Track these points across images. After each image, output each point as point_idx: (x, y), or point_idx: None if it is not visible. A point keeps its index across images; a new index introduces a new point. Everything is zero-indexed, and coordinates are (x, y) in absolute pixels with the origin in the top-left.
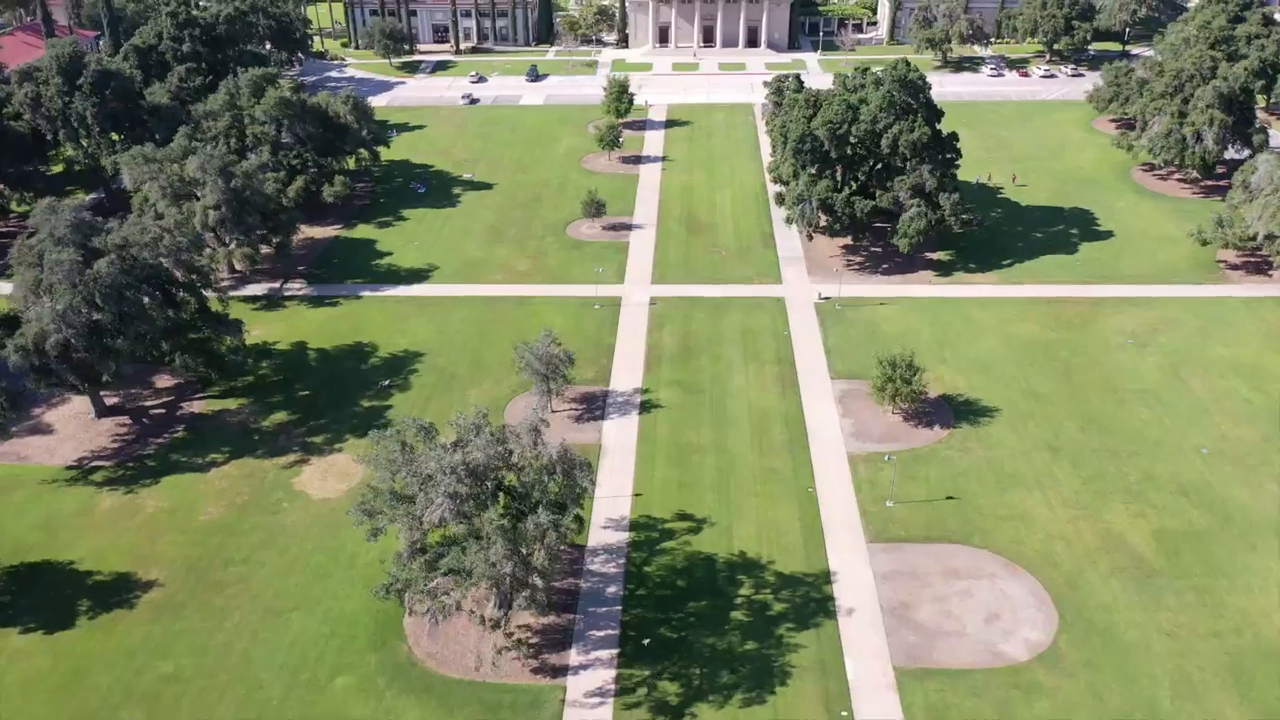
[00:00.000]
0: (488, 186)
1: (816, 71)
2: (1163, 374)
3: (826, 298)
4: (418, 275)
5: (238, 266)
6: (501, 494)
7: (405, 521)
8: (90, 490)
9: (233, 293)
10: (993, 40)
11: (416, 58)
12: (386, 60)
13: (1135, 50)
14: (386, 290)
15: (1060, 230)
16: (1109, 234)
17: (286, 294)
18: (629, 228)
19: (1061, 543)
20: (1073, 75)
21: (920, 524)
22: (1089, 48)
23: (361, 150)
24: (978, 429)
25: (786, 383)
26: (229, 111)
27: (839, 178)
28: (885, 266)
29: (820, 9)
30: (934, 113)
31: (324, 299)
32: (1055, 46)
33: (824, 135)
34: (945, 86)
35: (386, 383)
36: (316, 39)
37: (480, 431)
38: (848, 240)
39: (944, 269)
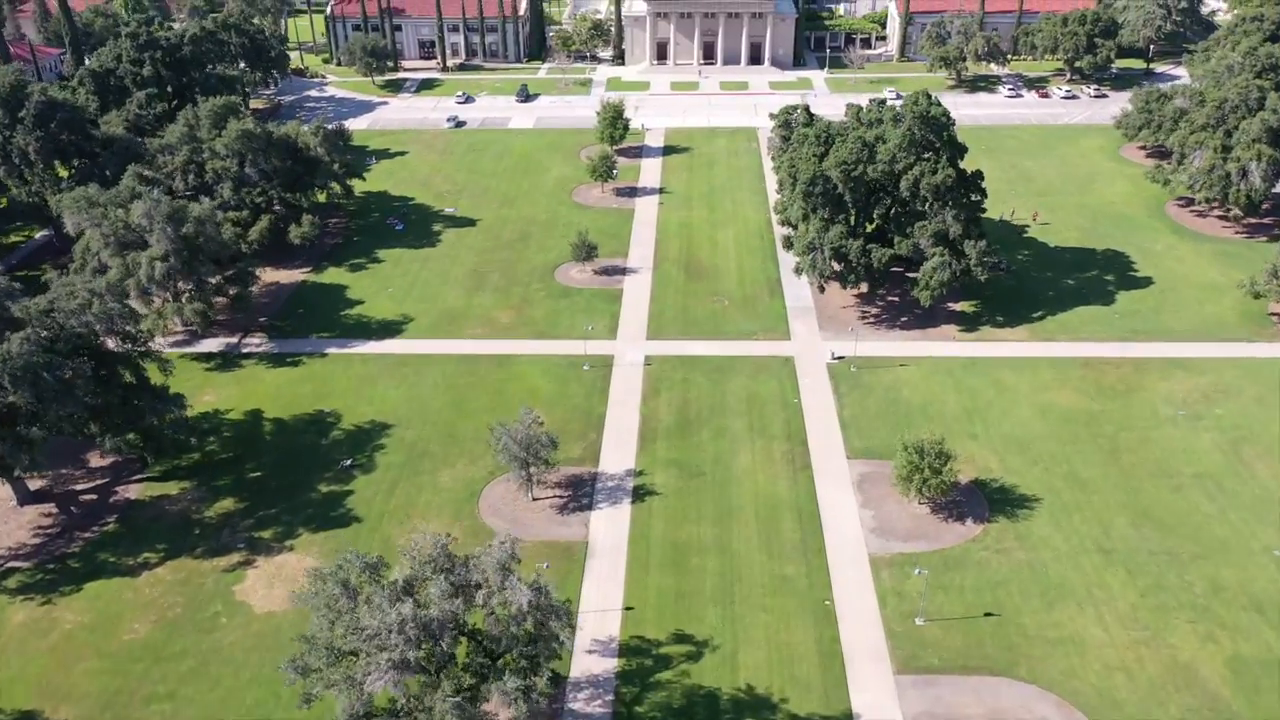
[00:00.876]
0: (471, 223)
1: (824, 91)
2: (1222, 454)
3: (840, 358)
4: (390, 328)
5: (189, 323)
6: (463, 640)
7: (343, 686)
8: (1, 600)
9: (184, 349)
10: (1010, 57)
11: (401, 75)
12: (369, 79)
13: (1160, 68)
14: (355, 346)
15: (1094, 276)
16: (1148, 281)
17: (244, 350)
18: (622, 272)
19: (1122, 675)
20: (1096, 96)
21: (956, 649)
22: (1112, 66)
23: (334, 184)
24: (1016, 524)
25: (798, 464)
26: (187, 145)
27: (853, 222)
28: (904, 319)
29: (826, 24)
30: (958, 150)
31: (285, 357)
32: (1077, 65)
33: (837, 177)
34: (960, 109)
35: (348, 462)
36: (296, 55)
37: (438, 570)
38: (863, 289)
39: (968, 322)
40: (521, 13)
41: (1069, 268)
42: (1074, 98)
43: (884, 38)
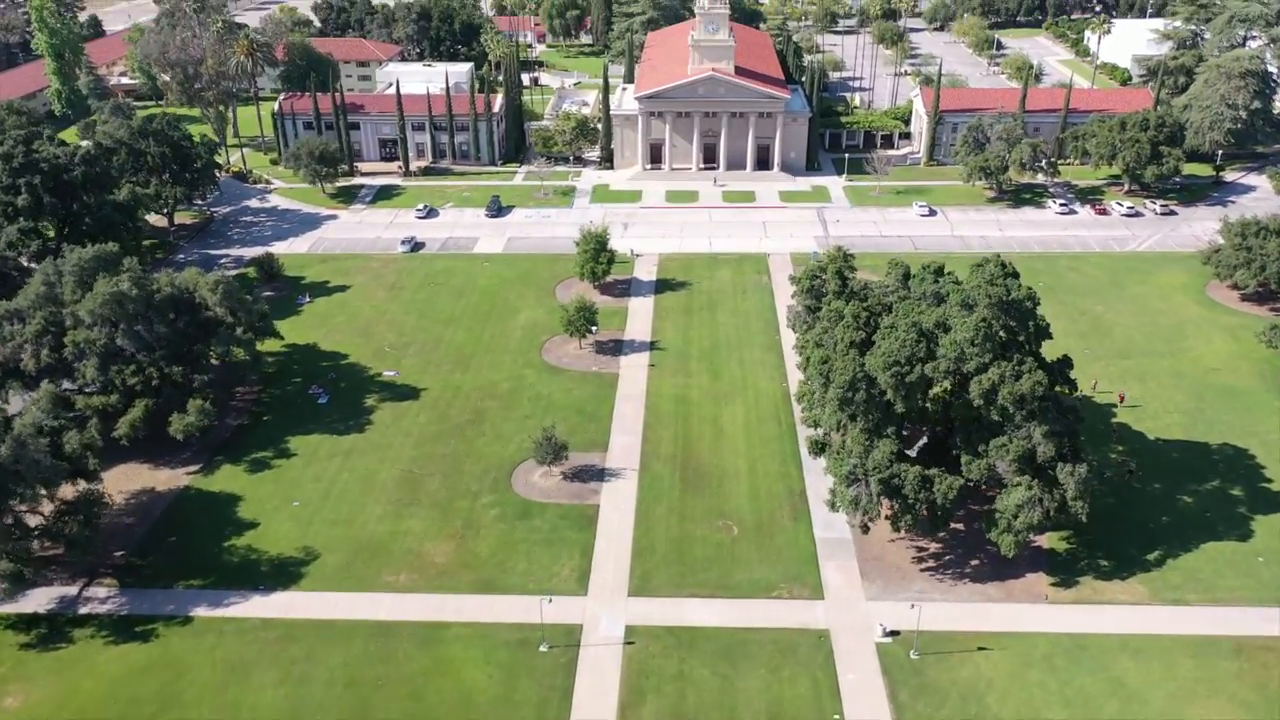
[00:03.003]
0: (413, 395)
1: (843, 203)
2: None
3: (894, 633)
4: (284, 572)
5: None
6: None
7: None
8: None
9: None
10: (1056, 161)
11: (357, 181)
12: (319, 185)
13: (1231, 176)
14: (232, 605)
15: (1215, 489)
16: None
17: (83, 609)
18: (600, 476)
19: None
20: (1163, 213)
21: None
22: (1178, 176)
23: (236, 351)
24: None
25: None
26: (43, 310)
27: (904, 433)
28: (975, 563)
29: (842, 119)
30: (1043, 335)
31: (135, 624)
32: (1139, 175)
33: (886, 381)
34: (1006, 230)
35: None
36: (239, 156)
37: None
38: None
39: (1062, 568)
40: (496, 109)
41: (1180, 474)
42: (1137, 214)
43: (908, 135)
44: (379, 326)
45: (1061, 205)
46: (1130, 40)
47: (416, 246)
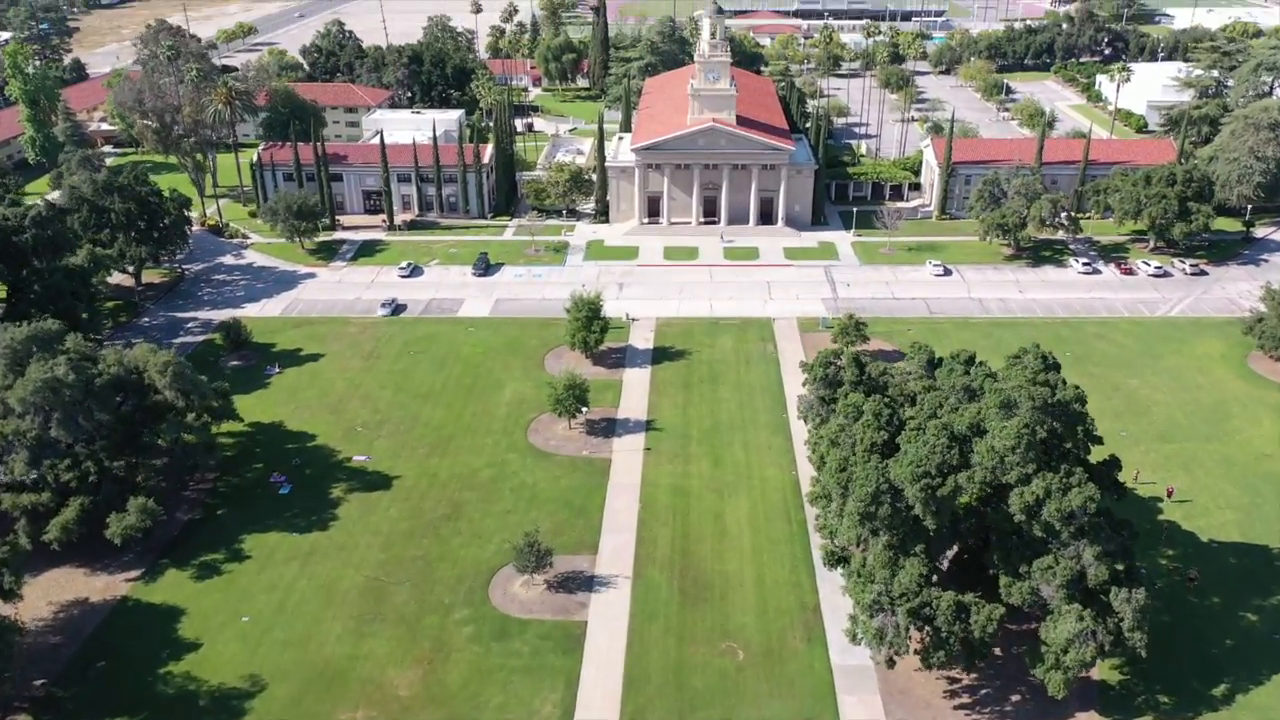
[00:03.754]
0: (385, 483)
1: (851, 261)
2: None
3: None
4: (225, 707)
5: None
6: None
7: None
8: None
9: None
10: (1077, 217)
11: (339, 236)
12: (298, 241)
13: (1262, 232)
14: None
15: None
16: None
17: None
18: (588, 585)
19: None
20: (1193, 273)
21: None
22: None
23: (186, 438)
24: None
25: None
26: None
27: (933, 550)
28: (1015, 699)
29: (849, 170)
30: (1093, 440)
31: None
32: (1165, 232)
33: (915, 495)
34: (1027, 291)
35: None
36: (216, 209)
37: None
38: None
39: (1116, 707)
40: (486, 160)
41: (1240, 584)
42: (1166, 274)
43: (918, 186)
44: (352, 402)
45: (1084, 265)
46: (1145, 86)
47: (398, 309)
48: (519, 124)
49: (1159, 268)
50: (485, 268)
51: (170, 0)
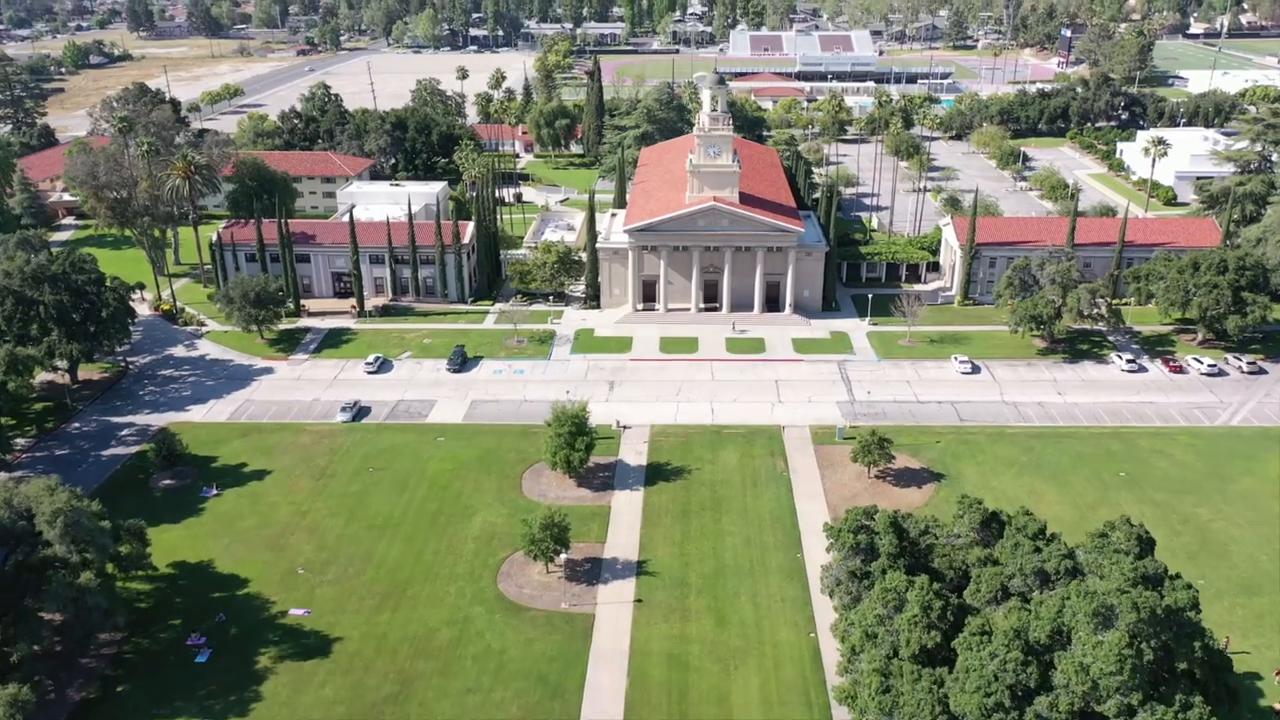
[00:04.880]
0: (323, 648)
1: (868, 355)
2: None
3: None
4: None
5: None
6: None
7: None
8: None
9: None
10: (1118, 309)
11: (303, 323)
12: (256, 331)
13: None
14: None
15: None
16: None
17: None
18: None
19: None
20: (1250, 371)
21: None
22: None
23: (80, 600)
24: None
25: None
26: None
27: None
28: None
29: (862, 250)
30: (1220, 664)
31: None
32: (1217, 324)
33: None
34: (1066, 393)
35: None
36: (170, 292)
37: None
38: None
39: None
40: (467, 240)
41: None
42: (1220, 373)
43: (936, 266)
44: (296, 534)
45: (1128, 361)
46: (1171, 155)
47: (360, 413)
48: (508, 194)
49: (1212, 365)
50: (461, 363)
51: (160, 60)
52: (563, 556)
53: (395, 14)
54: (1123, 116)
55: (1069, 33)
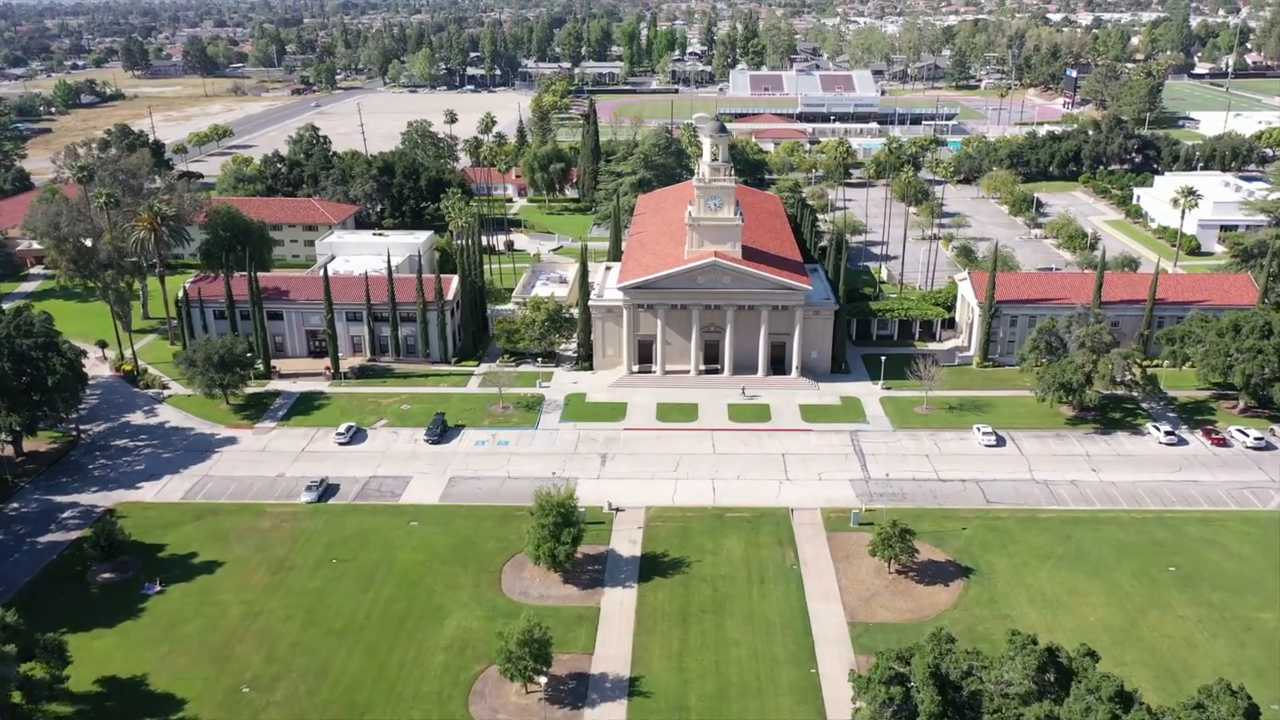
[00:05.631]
0: None
1: (882, 423)
2: None
3: None
4: None
5: None
6: None
7: None
8: None
9: None
10: (1154, 376)
11: (273, 386)
12: (221, 396)
13: None
14: None
15: None
16: None
17: None
18: None
19: None
20: None
21: None
22: None
23: None
24: None
25: None
26: None
27: None
28: None
29: (872, 305)
30: None
31: None
32: (1262, 391)
33: None
34: (1102, 470)
35: None
36: (132, 351)
37: None
38: None
39: None
40: (451, 296)
41: None
42: (1267, 446)
43: (951, 323)
44: (245, 642)
45: (1166, 433)
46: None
47: (327, 492)
48: (499, 242)
49: (1259, 438)
50: (441, 432)
51: (154, 99)
52: (544, 677)
53: (392, 53)
54: (1136, 160)
55: (1074, 73)
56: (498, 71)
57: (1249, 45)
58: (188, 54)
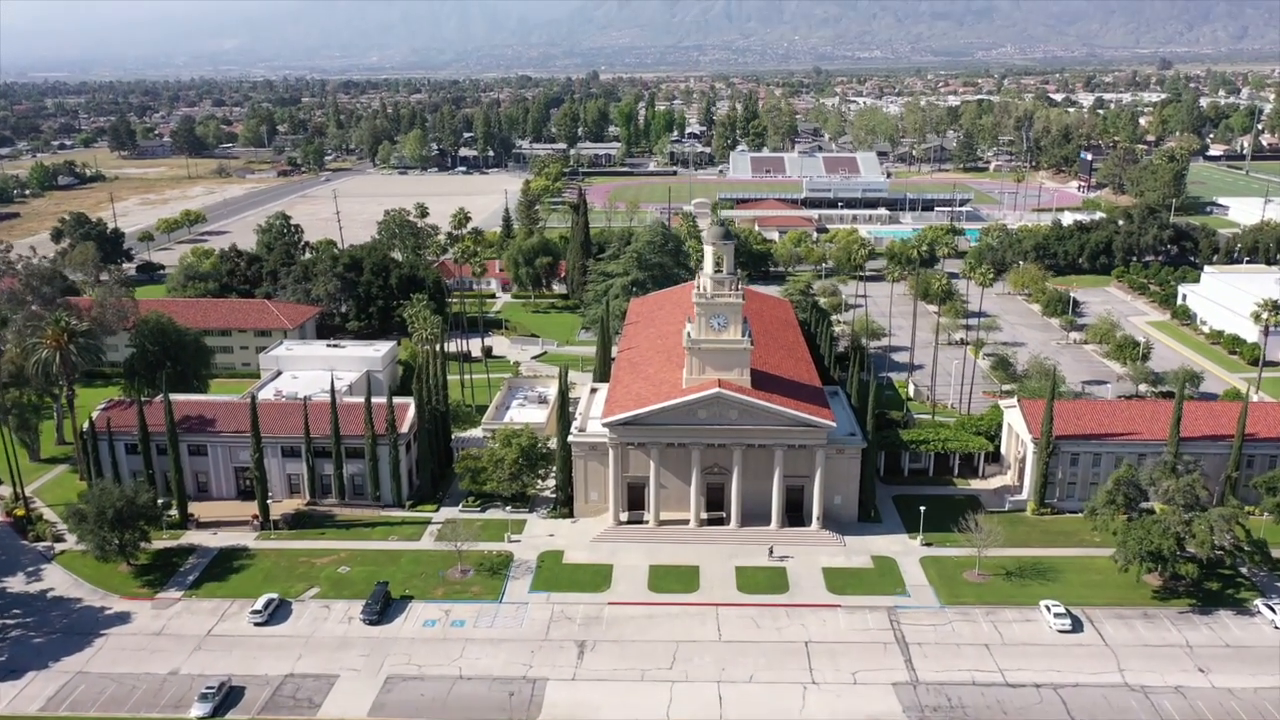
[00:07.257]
0: None
1: (924, 593)
2: None
3: None
4: None
5: None
6: None
7: None
8: None
9: None
10: (1245, 522)
11: (188, 539)
12: (120, 556)
13: None
14: None
15: None
16: None
17: None
18: None
19: None
20: None
21: None
22: None
23: None
24: None
25: None
26: None
27: None
28: None
29: (903, 436)
30: None
31: None
32: None
33: None
34: (1212, 672)
35: None
36: (23, 493)
37: None
38: None
39: None
40: (405, 428)
41: None
42: None
43: (996, 455)
44: None
45: None
46: (1238, 297)
47: (226, 702)
48: (475, 349)
49: None
50: (382, 609)
51: (133, 180)
52: None
53: (384, 133)
54: (1171, 251)
55: (1089, 156)
56: (490, 153)
57: (1260, 126)
58: (176, 134)
